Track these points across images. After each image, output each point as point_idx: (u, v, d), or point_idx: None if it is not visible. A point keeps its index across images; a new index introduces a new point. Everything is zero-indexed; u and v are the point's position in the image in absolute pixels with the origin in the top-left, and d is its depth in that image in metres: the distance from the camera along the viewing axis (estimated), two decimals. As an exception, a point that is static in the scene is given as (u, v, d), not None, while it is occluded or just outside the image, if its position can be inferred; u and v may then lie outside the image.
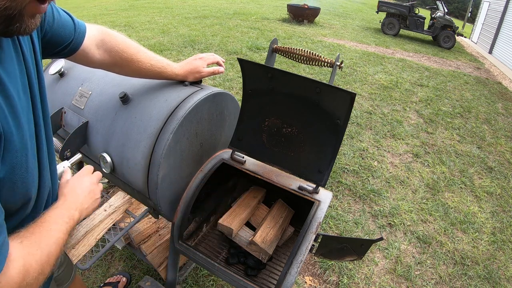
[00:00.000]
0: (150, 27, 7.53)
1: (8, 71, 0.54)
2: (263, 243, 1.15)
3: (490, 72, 8.06)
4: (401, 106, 4.70)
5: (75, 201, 0.77)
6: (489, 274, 2.16)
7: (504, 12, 9.95)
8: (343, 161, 3.16)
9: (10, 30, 0.49)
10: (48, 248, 0.61)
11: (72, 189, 0.79)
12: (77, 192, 0.79)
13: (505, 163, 3.62)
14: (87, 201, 0.80)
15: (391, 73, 6.19)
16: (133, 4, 11.40)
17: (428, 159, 3.44)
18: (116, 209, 1.20)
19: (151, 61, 1.02)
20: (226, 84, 4.56)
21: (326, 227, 2.35)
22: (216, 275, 1.07)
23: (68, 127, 1.21)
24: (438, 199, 2.84)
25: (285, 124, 1.12)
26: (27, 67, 0.60)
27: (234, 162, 1.22)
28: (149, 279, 1.47)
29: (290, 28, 9.20)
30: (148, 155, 1.02)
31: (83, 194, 0.80)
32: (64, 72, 1.31)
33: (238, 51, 6.12)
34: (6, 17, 0.47)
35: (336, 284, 1.94)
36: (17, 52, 0.58)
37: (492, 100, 5.68)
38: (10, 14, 0.46)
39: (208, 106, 1.14)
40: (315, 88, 0.99)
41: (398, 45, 9.24)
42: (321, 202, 1.08)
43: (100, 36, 0.92)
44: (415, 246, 2.31)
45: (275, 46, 1.99)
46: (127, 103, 1.09)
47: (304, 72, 5.55)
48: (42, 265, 0.58)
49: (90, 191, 0.82)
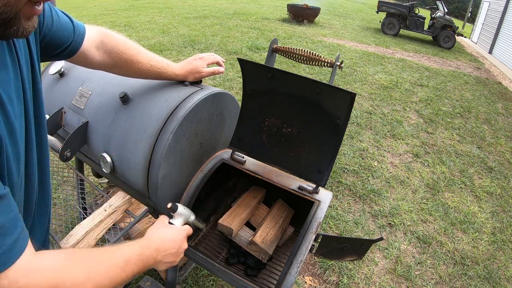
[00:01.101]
0: (150, 27, 7.53)
1: (2, 79, 0.53)
2: (263, 243, 1.15)
3: (490, 72, 8.06)
4: (401, 106, 4.70)
5: (159, 250, 0.75)
6: (489, 274, 2.16)
7: (504, 12, 9.95)
8: (343, 161, 3.16)
9: (8, 34, 0.49)
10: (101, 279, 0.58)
11: (165, 238, 0.79)
12: (168, 244, 0.78)
13: (505, 163, 3.62)
14: (170, 256, 0.78)
15: (391, 73, 6.19)
16: (133, 4, 11.40)
17: (428, 159, 3.44)
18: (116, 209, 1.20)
19: (151, 62, 1.02)
20: (226, 84, 4.56)
21: (326, 227, 2.35)
22: (216, 275, 1.07)
23: (68, 127, 1.21)
24: (438, 199, 2.84)
25: (285, 124, 1.12)
26: (21, 71, 0.59)
27: (234, 162, 1.22)
28: (149, 279, 1.47)
29: (290, 28, 9.20)
30: (148, 155, 1.02)
31: (171, 248, 0.78)
32: (64, 72, 1.31)
33: (238, 51, 6.12)
34: (2, 22, 0.47)
35: (336, 284, 1.94)
36: (12, 57, 0.57)
37: (492, 100, 5.68)
38: (6, 18, 0.46)
39: (208, 106, 1.14)
40: (315, 88, 0.99)
41: (398, 45, 9.24)
42: (321, 202, 1.08)
43: (99, 38, 0.91)
44: (415, 246, 2.31)
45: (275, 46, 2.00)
46: (127, 103, 1.09)
47: (304, 72, 5.55)
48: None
49: (178, 249, 0.81)
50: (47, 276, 0.53)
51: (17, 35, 0.50)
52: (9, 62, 0.56)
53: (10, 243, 0.48)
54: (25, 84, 0.61)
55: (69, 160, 1.16)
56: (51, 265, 0.54)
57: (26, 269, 0.50)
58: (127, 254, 0.66)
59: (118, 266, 0.63)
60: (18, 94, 0.58)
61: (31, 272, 0.51)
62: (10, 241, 0.48)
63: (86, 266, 0.58)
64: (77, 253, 0.61)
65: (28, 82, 0.63)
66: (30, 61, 0.64)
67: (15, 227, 0.50)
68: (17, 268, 0.49)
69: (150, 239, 0.77)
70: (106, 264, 0.61)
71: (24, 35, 0.51)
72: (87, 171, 2.36)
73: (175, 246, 0.80)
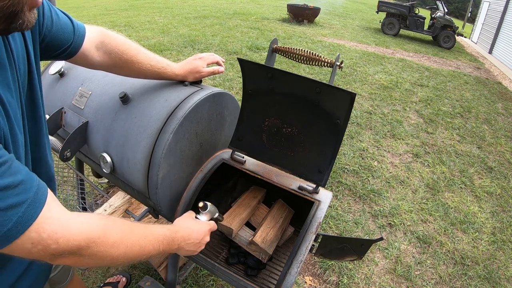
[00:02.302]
0: (150, 27, 7.53)
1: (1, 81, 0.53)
2: (263, 243, 1.15)
3: (490, 72, 8.06)
4: (401, 106, 4.70)
5: (184, 238, 0.81)
6: (489, 274, 2.16)
7: (504, 12, 9.95)
8: (343, 161, 3.16)
9: (13, 28, 0.49)
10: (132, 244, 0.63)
11: (190, 229, 0.86)
12: (192, 234, 0.85)
13: (505, 163, 3.62)
14: (192, 245, 0.85)
15: (391, 73, 6.19)
16: (133, 4, 11.40)
17: (428, 159, 3.44)
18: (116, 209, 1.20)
19: (151, 62, 1.02)
20: (226, 84, 4.56)
21: (326, 227, 2.35)
22: (216, 275, 1.07)
23: (68, 127, 1.21)
24: (438, 199, 2.84)
25: (285, 124, 1.12)
26: (18, 74, 0.59)
27: (234, 162, 1.22)
28: (149, 279, 1.47)
29: (290, 28, 9.20)
30: (148, 155, 1.02)
31: (194, 238, 0.85)
32: (64, 72, 1.31)
33: (238, 51, 6.12)
34: (10, 15, 0.46)
35: (336, 284, 1.94)
36: (9, 58, 0.57)
37: (492, 100, 5.68)
38: (14, 11, 0.46)
39: (208, 106, 1.14)
40: (315, 88, 0.99)
41: (398, 45, 9.24)
42: (321, 202, 1.08)
43: (99, 38, 0.91)
44: (415, 246, 2.31)
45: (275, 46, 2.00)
46: (127, 103, 1.09)
47: (304, 72, 5.55)
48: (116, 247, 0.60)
49: (201, 240, 0.88)
50: (83, 228, 0.55)
51: (22, 28, 0.50)
52: (7, 64, 0.56)
53: (34, 191, 0.50)
54: (21, 86, 0.61)
55: (69, 160, 1.16)
56: (88, 218, 0.58)
57: (63, 219, 0.53)
58: (156, 231, 0.72)
59: (148, 238, 0.68)
60: (16, 96, 0.58)
61: (68, 221, 0.54)
62: (34, 189, 0.51)
63: (120, 228, 0.63)
64: (111, 217, 0.65)
65: (24, 84, 0.63)
66: (27, 62, 0.64)
67: (33, 178, 0.52)
68: (53, 218, 0.52)
69: (178, 226, 0.83)
70: (138, 233, 0.66)
71: (28, 27, 0.51)
72: (87, 171, 2.36)
73: (198, 237, 0.86)
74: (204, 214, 0.96)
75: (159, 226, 0.75)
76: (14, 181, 0.48)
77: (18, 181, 0.48)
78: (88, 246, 0.55)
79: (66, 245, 0.52)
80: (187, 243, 0.82)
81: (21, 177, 0.49)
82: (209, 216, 0.98)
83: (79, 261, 0.56)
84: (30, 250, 0.50)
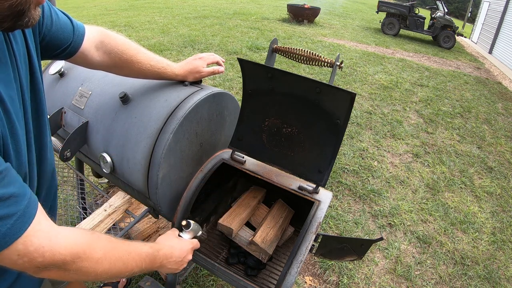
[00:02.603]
0: (150, 27, 7.53)
1: (2, 78, 0.54)
2: (263, 243, 1.15)
3: (490, 72, 8.06)
4: (401, 106, 4.70)
5: (166, 256, 0.81)
6: (489, 274, 2.16)
7: (504, 12, 9.95)
8: (343, 161, 3.16)
9: (18, 25, 0.49)
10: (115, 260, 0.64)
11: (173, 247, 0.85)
12: (175, 252, 0.85)
13: (505, 163, 3.62)
14: (174, 263, 0.84)
15: (391, 73, 6.19)
16: (133, 4, 11.40)
17: (428, 159, 3.44)
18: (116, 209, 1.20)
19: (151, 62, 1.02)
20: (226, 84, 4.56)
21: (326, 227, 2.35)
22: (216, 275, 1.07)
23: (68, 127, 1.21)
24: (438, 199, 2.83)
25: (285, 124, 1.12)
26: (19, 72, 0.60)
27: (234, 162, 1.22)
28: (149, 279, 1.47)
29: (290, 28, 9.20)
30: (148, 155, 1.02)
31: (176, 256, 0.85)
32: (64, 72, 1.31)
33: (238, 51, 6.12)
34: (18, 13, 0.47)
35: (336, 284, 1.94)
36: (11, 57, 0.57)
37: (492, 100, 5.68)
38: (22, 9, 0.47)
39: (208, 106, 1.14)
40: (315, 88, 0.99)
41: (398, 45, 9.24)
42: (321, 202, 1.08)
43: (99, 38, 0.91)
44: (415, 246, 2.31)
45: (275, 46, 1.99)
46: (127, 103, 1.09)
47: (304, 72, 5.55)
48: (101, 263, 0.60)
49: (183, 259, 0.87)
50: (69, 242, 0.55)
51: (27, 26, 0.51)
52: (8, 62, 0.56)
53: (25, 205, 0.51)
54: (23, 85, 0.61)
55: (69, 160, 1.16)
56: (73, 233, 0.58)
57: (50, 232, 0.53)
58: (139, 249, 0.72)
59: (131, 256, 0.68)
60: (18, 94, 0.58)
61: (56, 235, 0.54)
62: (25, 202, 0.51)
63: (104, 244, 0.63)
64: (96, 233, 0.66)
65: (26, 82, 0.63)
66: (28, 61, 0.64)
67: (25, 191, 0.52)
68: (41, 231, 0.52)
69: (161, 244, 0.83)
70: (121, 250, 0.66)
71: (32, 24, 0.51)
72: (87, 171, 2.36)
73: (180, 255, 0.86)
74: (187, 232, 0.96)
75: (142, 243, 0.75)
76: (6, 193, 0.48)
77: (10, 193, 0.49)
78: (73, 261, 0.56)
79: (51, 259, 0.53)
80: (169, 261, 0.82)
81: (13, 190, 0.49)
82: (192, 234, 0.98)
83: (64, 275, 0.57)
84: (16, 261, 0.50)
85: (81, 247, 0.57)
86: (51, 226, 0.55)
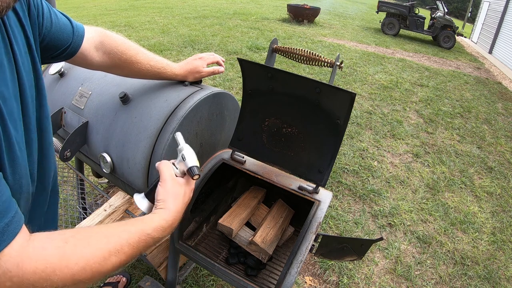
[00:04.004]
0: (150, 27, 7.53)
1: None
2: (263, 243, 1.15)
3: (490, 72, 8.06)
4: (401, 106, 4.70)
5: (176, 211, 0.69)
6: (489, 274, 2.16)
7: (504, 12, 9.95)
8: (343, 161, 3.16)
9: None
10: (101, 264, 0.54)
11: (176, 196, 0.71)
12: (180, 202, 0.71)
13: (505, 163, 3.62)
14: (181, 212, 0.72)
15: (391, 73, 6.19)
16: (133, 4, 11.40)
17: (428, 159, 3.44)
18: (116, 209, 1.20)
19: (151, 62, 1.02)
20: (226, 84, 4.56)
21: (326, 227, 2.35)
22: (216, 275, 1.07)
23: (68, 127, 1.21)
24: (438, 199, 2.83)
25: (285, 124, 1.12)
26: (19, 71, 0.59)
27: (234, 162, 1.22)
28: (149, 279, 1.47)
29: (290, 28, 9.20)
30: (148, 155, 1.02)
31: (183, 205, 0.72)
32: (64, 72, 1.31)
33: (238, 51, 6.12)
34: None
35: (336, 284, 1.94)
36: (9, 56, 0.57)
37: (492, 100, 5.68)
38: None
39: (208, 106, 1.14)
40: (315, 88, 0.99)
41: (398, 45, 9.24)
42: (321, 202, 1.08)
43: (99, 38, 0.91)
44: (415, 246, 2.31)
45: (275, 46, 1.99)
46: (127, 103, 1.09)
47: (304, 72, 5.55)
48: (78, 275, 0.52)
49: (187, 202, 0.75)
50: (38, 265, 0.49)
51: None
52: (5, 61, 0.55)
53: (2, 227, 0.46)
54: (24, 84, 0.60)
55: (69, 160, 1.16)
56: (44, 253, 0.51)
57: (19, 257, 0.48)
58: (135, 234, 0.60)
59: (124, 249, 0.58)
60: (15, 94, 0.58)
61: (23, 260, 0.48)
62: (2, 224, 0.46)
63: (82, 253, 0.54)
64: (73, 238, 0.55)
65: (29, 81, 0.62)
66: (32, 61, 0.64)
67: (8, 210, 0.47)
68: (10, 256, 0.47)
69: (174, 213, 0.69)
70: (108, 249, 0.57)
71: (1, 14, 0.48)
72: (87, 171, 2.36)
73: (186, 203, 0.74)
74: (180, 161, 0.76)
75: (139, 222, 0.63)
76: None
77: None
78: (44, 285, 0.50)
79: (20, 283, 0.48)
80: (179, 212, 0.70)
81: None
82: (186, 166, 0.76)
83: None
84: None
85: (51, 268, 0.50)
86: (22, 247, 0.49)
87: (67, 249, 0.53)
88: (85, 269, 0.53)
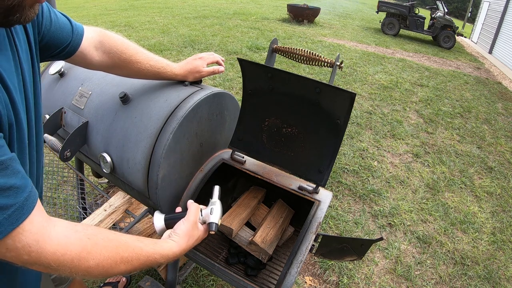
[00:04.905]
0: (150, 27, 7.53)
1: (4, 68, 0.54)
2: (263, 243, 1.15)
3: (490, 72, 8.06)
4: (401, 106, 4.70)
5: (184, 249, 0.79)
6: (489, 274, 2.16)
7: (504, 12, 9.95)
8: (343, 161, 3.16)
9: (10, 21, 0.50)
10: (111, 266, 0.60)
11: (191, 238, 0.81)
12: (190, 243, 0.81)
13: (505, 163, 3.62)
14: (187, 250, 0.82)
15: (391, 73, 6.19)
16: (133, 4, 11.40)
17: (428, 159, 3.44)
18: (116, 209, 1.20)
19: (150, 62, 1.02)
20: (226, 84, 4.56)
21: (326, 227, 2.35)
22: (216, 275, 1.07)
23: (68, 127, 1.21)
24: (438, 199, 2.83)
25: (285, 124, 1.12)
26: (22, 67, 0.60)
27: (234, 162, 1.22)
28: (149, 279, 1.47)
29: (290, 28, 9.20)
30: (148, 155, 1.02)
31: (192, 245, 0.82)
32: (64, 72, 1.31)
33: (238, 51, 6.12)
34: (6, 8, 0.48)
35: (336, 284, 1.94)
36: (13, 51, 0.58)
37: (492, 100, 5.68)
38: (10, 4, 0.47)
39: (208, 106, 1.14)
40: (315, 88, 0.99)
41: (398, 45, 9.24)
42: (321, 202, 1.08)
43: (98, 38, 0.91)
44: (415, 246, 2.31)
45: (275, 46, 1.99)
46: (127, 103, 1.09)
47: (304, 72, 5.55)
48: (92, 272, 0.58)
49: (195, 244, 0.84)
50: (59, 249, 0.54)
51: (19, 22, 0.51)
52: (10, 55, 0.57)
53: (21, 201, 0.50)
54: (26, 80, 0.61)
55: (69, 160, 1.15)
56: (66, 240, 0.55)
57: (39, 235, 0.52)
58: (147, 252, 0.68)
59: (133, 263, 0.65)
60: (20, 88, 0.59)
61: (44, 239, 0.53)
62: (22, 198, 0.50)
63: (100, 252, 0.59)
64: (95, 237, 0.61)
65: (29, 78, 0.63)
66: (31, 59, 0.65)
67: (26, 185, 0.52)
68: (30, 232, 0.51)
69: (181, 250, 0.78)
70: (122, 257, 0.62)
71: (26, 21, 0.52)
72: (87, 171, 2.36)
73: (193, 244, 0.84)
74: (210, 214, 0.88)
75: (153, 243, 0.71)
76: (6, 183, 0.48)
77: (10, 184, 0.48)
78: (57, 268, 0.54)
79: (37, 259, 0.52)
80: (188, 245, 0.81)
81: (14, 181, 0.49)
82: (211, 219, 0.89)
83: (51, 271, 0.56)
84: (4, 254, 0.50)
85: (70, 256, 0.55)
86: (43, 226, 0.53)
87: (89, 244, 0.58)
88: (98, 266, 0.58)
